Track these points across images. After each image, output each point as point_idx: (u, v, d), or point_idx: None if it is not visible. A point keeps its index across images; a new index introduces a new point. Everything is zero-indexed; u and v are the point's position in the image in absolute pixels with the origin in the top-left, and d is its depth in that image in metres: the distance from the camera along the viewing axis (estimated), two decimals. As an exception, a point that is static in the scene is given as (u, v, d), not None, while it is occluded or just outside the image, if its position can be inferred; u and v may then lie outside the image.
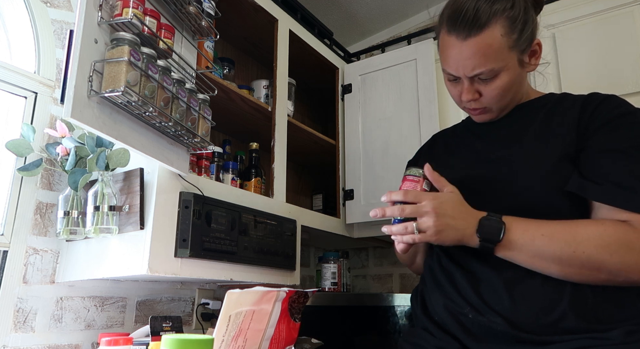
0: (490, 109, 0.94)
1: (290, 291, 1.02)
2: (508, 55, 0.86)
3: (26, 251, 1.14)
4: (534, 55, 0.92)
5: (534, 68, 0.94)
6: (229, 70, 1.67)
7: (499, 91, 0.89)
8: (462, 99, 0.93)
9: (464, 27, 0.85)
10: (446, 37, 0.89)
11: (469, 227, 0.82)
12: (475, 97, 0.91)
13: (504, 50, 0.85)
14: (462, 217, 0.82)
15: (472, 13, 0.84)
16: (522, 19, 0.86)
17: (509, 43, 0.85)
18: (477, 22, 0.84)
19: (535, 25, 0.91)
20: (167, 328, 1.06)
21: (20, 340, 1.10)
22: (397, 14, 2.36)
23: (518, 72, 0.89)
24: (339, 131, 1.95)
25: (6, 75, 1.16)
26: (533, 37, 0.90)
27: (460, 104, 0.97)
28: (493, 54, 0.85)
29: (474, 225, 0.82)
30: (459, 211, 0.83)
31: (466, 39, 0.85)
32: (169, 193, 1.10)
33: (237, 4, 1.57)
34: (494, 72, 0.86)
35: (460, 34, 0.86)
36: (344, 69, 2.03)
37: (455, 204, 0.84)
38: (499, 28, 0.84)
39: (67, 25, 1.31)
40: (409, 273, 2.16)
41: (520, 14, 0.86)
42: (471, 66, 0.87)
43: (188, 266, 1.11)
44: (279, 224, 1.40)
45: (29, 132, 1.14)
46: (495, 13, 0.84)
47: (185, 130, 1.06)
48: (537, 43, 0.92)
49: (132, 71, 0.90)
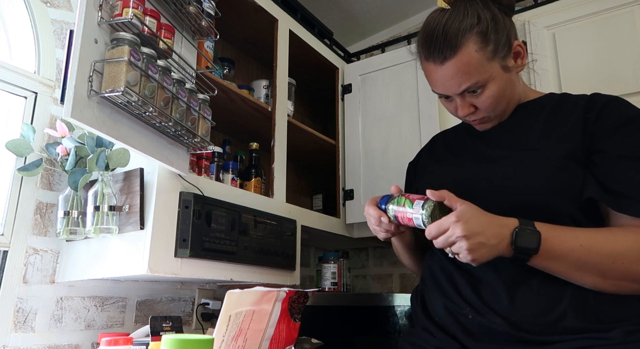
0: (489, 118, 0.95)
1: (290, 291, 1.02)
2: (489, 66, 0.87)
3: (26, 251, 1.14)
4: (518, 56, 0.92)
5: (521, 69, 0.94)
6: (229, 70, 1.67)
7: (492, 100, 0.90)
8: (459, 114, 0.95)
9: (438, 52, 0.87)
10: (425, 63, 0.92)
11: (503, 240, 0.78)
12: (471, 111, 0.93)
13: (483, 63, 0.86)
14: (492, 232, 0.77)
15: (441, 38, 0.87)
16: (492, 29, 0.87)
17: (487, 55, 0.86)
18: (448, 45, 0.86)
19: (510, 29, 0.91)
20: (167, 328, 1.06)
21: (20, 340, 1.10)
22: (397, 14, 2.37)
23: (505, 78, 0.90)
24: (339, 131, 1.95)
25: (6, 75, 1.16)
26: (510, 41, 0.90)
27: (459, 118, 0.98)
28: (474, 70, 0.86)
29: (507, 237, 0.78)
30: (486, 224, 0.78)
31: (443, 63, 0.87)
32: (169, 193, 1.10)
33: (237, 4, 1.57)
34: (480, 84, 0.88)
35: (436, 60, 0.88)
36: (344, 69, 2.03)
37: (479, 218, 0.79)
38: (472, 45, 0.86)
39: (67, 25, 1.31)
40: (409, 273, 2.16)
41: (489, 25, 0.87)
42: (457, 85, 0.88)
43: (188, 266, 1.11)
44: (279, 224, 1.40)
45: (29, 132, 1.14)
46: (464, 32, 0.86)
47: (185, 130, 1.06)
48: (517, 45, 0.91)
49: (132, 71, 0.90)
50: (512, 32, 0.91)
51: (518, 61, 0.92)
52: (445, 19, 0.88)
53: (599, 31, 1.50)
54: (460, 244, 0.77)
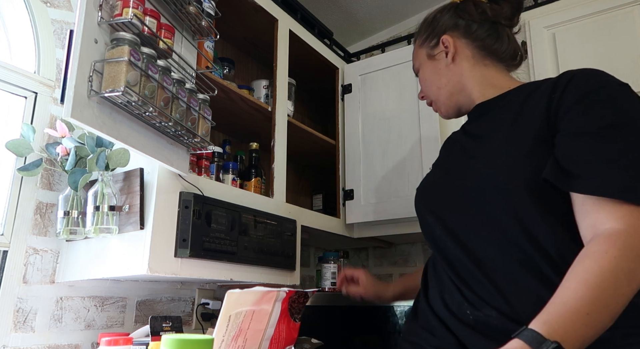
0: (434, 102, 1.09)
1: (290, 291, 1.02)
2: (419, 52, 1.09)
3: (26, 251, 1.14)
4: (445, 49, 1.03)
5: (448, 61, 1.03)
6: (229, 70, 1.67)
7: (423, 83, 1.09)
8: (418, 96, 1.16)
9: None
10: None
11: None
12: (423, 95, 1.12)
13: (417, 49, 1.10)
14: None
15: None
16: (429, 23, 1.07)
17: (419, 43, 1.09)
18: (414, 39, 1.13)
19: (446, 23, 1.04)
20: (167, 328, 1.06)
21: (20, 340, 1.10)
22: (397, 14, 2.37)
23: (430, 65, 1.06)
24: (339, 131, 1.95)
25: (6, 75, 1.16)
26: (439, 34, 1.04)
27: None
28: (414, 55, 1.12)
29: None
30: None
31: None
32: (169, 193, 1.10)
33: (237, 4, 1.56)
34: (416, 68, 1.11)
35: None
36: (344, 69, 2.03)
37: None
38: (419, 36, 1.10)
39: (67, 25, 1.31)
40: (409, 273, 2.16)
41: (429, 19, 1.08)
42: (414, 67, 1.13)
43: (188, 266, 1.11)
44: (279, 224, 1.40)
45: (29, 132, 1.14)
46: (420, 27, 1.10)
47: (185, 130, 1.06)
48: (446, 39, 1.03)
49: (132, 71, 0.90)
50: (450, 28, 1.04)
51: (449, 57, 1.03)
52: None
53: (599, 31, 1.50)
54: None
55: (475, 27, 1.03)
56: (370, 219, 1.77)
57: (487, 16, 1.02)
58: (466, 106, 1.04)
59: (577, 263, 0.72)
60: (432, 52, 1.06)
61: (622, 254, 0.68)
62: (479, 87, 1.01)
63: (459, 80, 1.03)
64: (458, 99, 1.04)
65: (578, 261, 0.72)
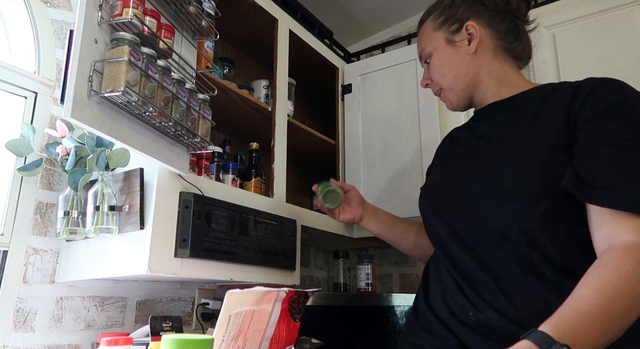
0: (445, 91, 1.02)
1: (290, 291, 1.02)
2: (435, 35, 1.01)
3: (26, 251, 1.14)
4: (471, 38, 0.97)
5: (471, 49, 0.97)
6: (229, 70, 1.67)
7: (436, 70, 1.01)
8: (421, 84, 1.09)
9: (418, 24, 1.09)
10: None
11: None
12: (428, 82, 1.06)
13: (430, 31, 1.02)
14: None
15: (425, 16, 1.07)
16: (449, 4, 1.00)
17: (434, 25, 1.01)
18: (422, 17, 1.07)
19: (470, 8, 0.98)
20: (167, 328, 1.06)
21: (20, 340, 1.10)
22: (397, 14, 2.37)
23: (448, 50, 0.99)
24: (339, 131, 1.95)
25: (6, 75, 1.16)
26: (463, 18, 0.98)
27: None
28: (424, 37, 1.03)
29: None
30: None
31: (419, 28, 1.08)
32: (169, 193, 1.10)
33: (237, 4, 1.56)
34: (427, 52, 1.02)
35: (417, 31, 1.09)
36: (344, 69, 2.03)
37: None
38: (431, 16, 1.03)
39: (67, 25, 1.31)
40: (409, 273, 2.16)
41: (449, 2, 1.00)
42: (419, 49, 1.07)
43: (188, 266, 1.11)
44: (279, 224, 1.40)
45: (29, 132, 1.14)
46: (434, 8, 1.03)
47: (185, 130, 1.06)
48: (471, 25, 0.97)
49: (132, 71, 0.90)
50: (472, 10, 0.98)
51: (472, 44, 0.97)
52: None
53: (599, 31, 1.50)
54: None
55: (499, 19, 0.98)
56: (370, 219, 1.77)
57: (511, 8, 0.98)
58: (477, 102, 1.01)
59: (593, 271, 0.71)
60: (453, 37, 0.98)
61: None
62: (495, 84, 0.98)
63: (477, 72, 0.98)
64: (473, 92, 1.00)
65: (594, 269, 0.71)
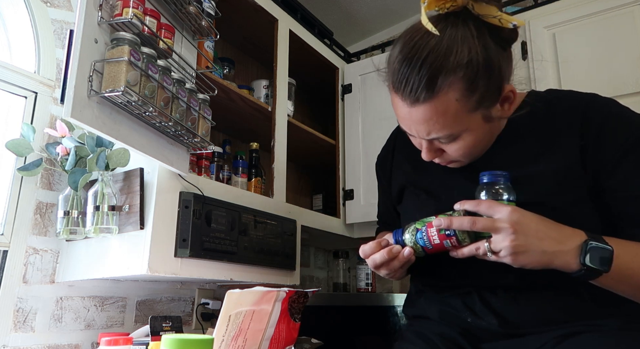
0: (459, 161, 0.83)
1: (290, 291, 1.02)
2: (469, 117, 0.74)
3: (26, 250, 1.14)
4: (506, 101, 0.77)
5: (508, 114, 0.79)
6: (229, 70, 1.67)
7: (464, 150, 0.78)
8: (422, 157, 0.82)
9: (410, 91, 0.72)
10: (392, 93, 0.77)
11: (566, 252, 0.68)
12: (438, 155, 0.82)
13: (462, 115, 0.72)
14: (551, 237, 0.68)
15: (417, 74, 0.70)
16: (482, 75, 0.70)
17: (469, 106, 0.72)
18: (425, 86, 0.70)
19: (505, 70, 0.74)
20: (167, 328, 1.06)
21: (20, 340, 1.10)
22: (397, 14, 2.37)
23: (486, 128, 0.78)
24: (339, 131, 1.95)
25: (6, 75, 1.16)
26: (501, 87, 0.74)
27: None
28: (450, 121, 0.73)
29: (573, 249, 0.68)
30: (545, 228, 0.68)
31: (414, 105, 0.73)
32: (169, 193, 1.10)
33: (237, 4, 1.56)
34: (454, 136, 0.76)
35: (406, 98, 0.73)
36: (344, 69, 2.03)
37: (540, 219, 0.69)
38: (453, 92, 0.70)
39: (67, 25, 1.31)
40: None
41: (480, 69, 0.70)
42: (425, 131, 0.75)
43: (188, 266, 1.11)
44: (279, 224, 1.40)
45: (29, 132, 1.14)
46: (447, 75, 0.69)
47: (185, 130, 1.06)
48: (509, 90, 0.76)
49: (132, 71, 0.90)
50: (506, 74, 0.75)
51: (505, 106, 0.77)
52: (429, 49, 0.70)
53: (599, 31, 1.50)
54: (504, 236, 0.67)
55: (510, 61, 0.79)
56: (371, 219, 1.77)
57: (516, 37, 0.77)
58: None
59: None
60: (491, 113, 0.75)
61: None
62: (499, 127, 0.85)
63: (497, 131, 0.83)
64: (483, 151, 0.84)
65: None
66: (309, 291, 1.08)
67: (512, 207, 0.69)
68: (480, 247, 0.71)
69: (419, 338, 0.88)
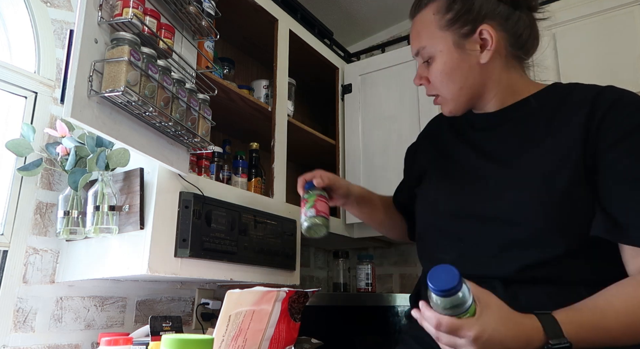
0: (445, 99, 0.90)
1: (290, 291, 1.02)
2: (440, 34, 0.85)
3: (26, 250, 1.14)
4: (484, 46, 0.84)
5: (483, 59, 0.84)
6: (229, 70, 1.67)
7: (440, 76, 0.87)
8: (414, 82, 0.95)
9: (412, 8, 0.92)
10: None
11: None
12: (423, 82, 0.92)
13: (435, 29, 0.86)
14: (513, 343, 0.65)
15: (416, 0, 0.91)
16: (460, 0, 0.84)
17: (441, 22, 0.85)
18: (417, 5, 0.91)
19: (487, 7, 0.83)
20: (167, 328, 1.06)
21: (20, 340, 1.10)
22: (397, 14, 2.36)
23: (456, 56, 0.85)
24: (339, 130, 1.95)
25: (6, 75, 1.16)
26: (477, 20, 0.83)
27: None
28: (424, 32, 0.87)
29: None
30: (506, 333, 0.65)
31: (411, 21, 0.92)
32: (169, 193, 1.10)
33: (237, 4, 1.56)
34: (428, 52, 0.87)
35: (410, 15, 0.93)
36: (344, 69, 2.03)
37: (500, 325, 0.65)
38: (433, 7, 0.87)
39: (67, 25, 1.31)
40: (409, 273, 2.16)
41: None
42: (414, 46, 0.91)
43: (188, 266, 1.11)
44: (279, 224, 1.40)
45: (29, 132, 1.14)
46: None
47: (185, 130, 1.06)
48: (485, 31, 0.83)
49: (132, 71, 0.90)
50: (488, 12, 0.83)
51: (484, 53, 0.84)
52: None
53: (599, 31, 1.50)
54: None
55: (517, 17, 0.85)
56: (370, 219, 1.77)
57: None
58: (478, 107, 0.93)
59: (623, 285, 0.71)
60: (463, 42, 0.84)
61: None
62: (501, 93, 0.89)
63: (484, 83, 0.87)
64: (475, 101, 0.90)
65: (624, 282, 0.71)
66: (309, 291, 1.08)
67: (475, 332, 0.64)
68: None
69: (418, 344, 0.89)
